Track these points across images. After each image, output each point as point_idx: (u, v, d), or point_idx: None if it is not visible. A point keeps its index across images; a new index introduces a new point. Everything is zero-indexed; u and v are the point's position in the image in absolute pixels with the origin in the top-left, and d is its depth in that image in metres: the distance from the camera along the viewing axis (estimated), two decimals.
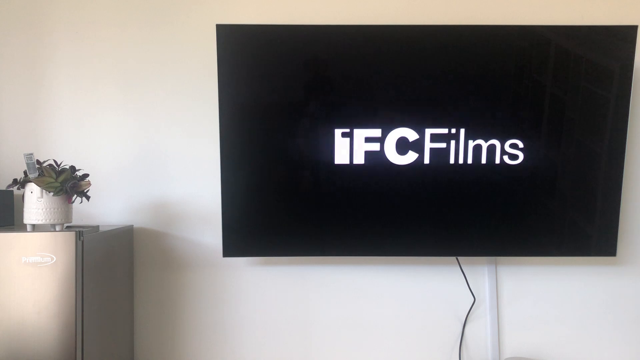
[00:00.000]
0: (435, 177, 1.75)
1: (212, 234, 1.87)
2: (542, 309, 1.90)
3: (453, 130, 1.72)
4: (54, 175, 1.48)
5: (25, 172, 1.49)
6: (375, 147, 1.72)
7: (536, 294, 1.90)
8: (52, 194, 1.47)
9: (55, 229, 1.48)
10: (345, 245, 1.79)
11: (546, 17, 1.87)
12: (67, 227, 1.54)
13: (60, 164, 1.55)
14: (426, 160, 1.73)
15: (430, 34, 1.73)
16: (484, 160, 1.73)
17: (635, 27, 1.71)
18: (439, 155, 1.73)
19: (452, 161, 1.73)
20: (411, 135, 1.72)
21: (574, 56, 1.73)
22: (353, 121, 1.72)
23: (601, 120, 1.74)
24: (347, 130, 1.72)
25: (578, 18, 1.87)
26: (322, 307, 1.90)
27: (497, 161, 1.74)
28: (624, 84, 1.73)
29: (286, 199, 1.77)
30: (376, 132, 1.72)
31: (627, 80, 1.72)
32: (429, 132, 1.72)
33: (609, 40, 1.72)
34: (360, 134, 1.72)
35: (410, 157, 1.73)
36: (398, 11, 1.88)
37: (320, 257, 1.87)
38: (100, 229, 1.61)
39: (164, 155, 1.88)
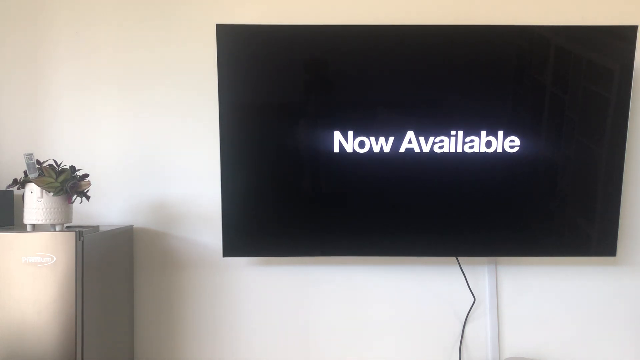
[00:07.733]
0: (435, 177, 1.75)
1: (212, 234, 1.87)
2: (542, 309, 1.90)
3: (453, 132, 1.72)
4: (54, 175, 1.48)
5: (25, 172, 1.49)
6: (374, 147, 1.72)
7: (536, 294, 1.90)
8: (52, 194, 1.47)
9: (55, 229, 1.48)
10: (345, 245, 1.79)
11: (546, 17, 1.87)
12: (67, 227, 1.54)
13: (60, 164, 1.55)
14: (425, 161, 1.73)
15: (430, 34, 1.73)
16: (484, 161, 1.73)
17: (635, 27, 1.71)
18: (439, 156, 1.73)
19: (451, 161, 1.73)
20: (411, 136, 1.72)
21: (574, 56, 1.73)
22: (353, 122, 1.72)
23: (601, 120, 1.74)
24: (347, 131, 1.72)
25: (578, 18, 1.87)
26: (321, 307, 1.90)
27: (497, 161, 1.74)
28: (624, 84, 1.72)
29: (286, 199, 1.77)
30: (375, 133, 1.72)
31: (627, 80, 1.72)
32: (429, 133, 1.72)
33: (609, 40, 1.72)
34: (359, 135, 1.72)
35: (409, 157, 1.73)
36: (398, 11, 1.87)
37: (320, 257, 1.87)
38: (100, 229, 1.61)
39: (164, 155, 1.88)
